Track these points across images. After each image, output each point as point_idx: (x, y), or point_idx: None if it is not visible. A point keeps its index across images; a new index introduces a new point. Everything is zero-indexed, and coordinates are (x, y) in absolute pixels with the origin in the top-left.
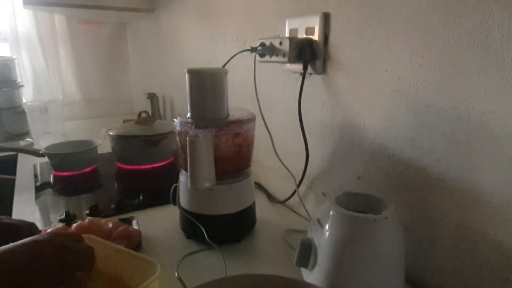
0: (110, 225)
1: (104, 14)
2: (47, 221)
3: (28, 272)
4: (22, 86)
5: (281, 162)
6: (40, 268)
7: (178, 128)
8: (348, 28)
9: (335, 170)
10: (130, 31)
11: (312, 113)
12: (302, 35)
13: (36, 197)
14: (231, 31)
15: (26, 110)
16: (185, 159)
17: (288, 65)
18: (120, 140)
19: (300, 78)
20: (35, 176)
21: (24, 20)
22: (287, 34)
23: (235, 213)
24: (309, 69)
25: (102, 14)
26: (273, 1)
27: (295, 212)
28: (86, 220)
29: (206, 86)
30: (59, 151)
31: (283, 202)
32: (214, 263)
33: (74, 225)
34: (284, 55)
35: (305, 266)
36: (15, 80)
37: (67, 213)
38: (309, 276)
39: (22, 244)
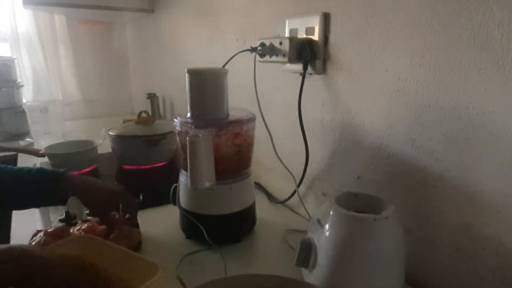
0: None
1: (104, 14)
2: (47, 221)
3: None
4: (22, 86)
5: (281, 162)
6: None
7: (178, 128)
8: (348, 28)
9: (335, 170)
10: (130, 31)
11: (312, 113)
12: (302, 35)
13: None
14: (231, 31)
15: (26, 110)
16: (185, 159)
17: (288, 65)
18: (120, 140)
19: (300, 78)
20: None
21: (24, 20)
22: (287, 34)
23: (235, 213)
24: (309, 69)
25: (102, 14)
26: (273, 1)
27: (295, 212)
28: (88, 223)
29: (206, 86)
30: (59, 151)
31: (283, 202)
32: (214, 263)
33: (84, 226)
34: (284, 55)
35: (305, 266)
36: (15, 80)
37: (67, 213)
38: (309, 276)
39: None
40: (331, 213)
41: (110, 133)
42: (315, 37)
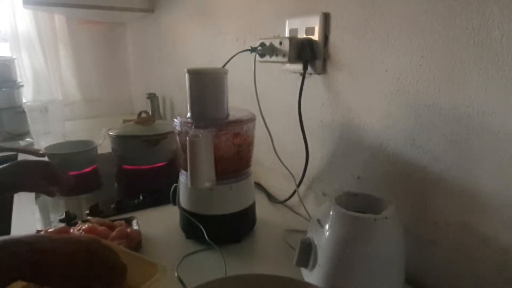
0: (109, 225)
1: (104, 14)
2: (47, 221)
3: (73, 267)
4: (22, 86)
5: (281, 162)
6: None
7: (178, 128)
8: (348, 28)
9: (335, 170)
10: (130, 31)
11: (312, 113)
12: (302, 35)
13: (36, 197)
14: (231, 31)
15: (26, 110)
16: (185, 159)
17: (288, 65)
18: (120, 140)
19: (300, 78)
20: None
21: (24, 20)
22: (287, 34)
23: (235, 213)
24: (309, 69)
25: (102, 14)
26: (273, 1)
27: (295, 212)
28: (88, 223)
29: (206, 86)
30: (59, 151)
31: (283, 202)
32: (214, 263)
33: (84, 226)
34: (284, 55)
35: (305, 266)
36: (15, 80)
37: (67, 213)
38: (309, 276)
39: (70, 239)
40: (331, 213)
41: (110, 133)
42: (315, 37)
